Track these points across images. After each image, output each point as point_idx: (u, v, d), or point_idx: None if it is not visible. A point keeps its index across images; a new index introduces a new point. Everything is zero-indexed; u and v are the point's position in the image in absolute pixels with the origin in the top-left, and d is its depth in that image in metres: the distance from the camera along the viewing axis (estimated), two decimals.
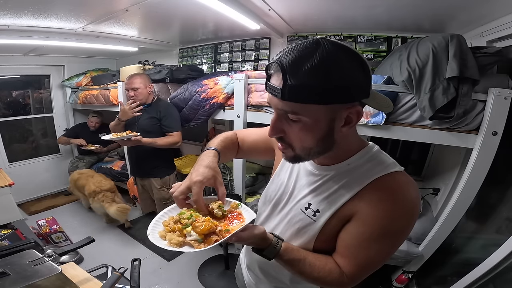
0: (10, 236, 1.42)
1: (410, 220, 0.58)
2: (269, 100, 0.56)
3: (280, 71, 0.49)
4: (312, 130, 0.53)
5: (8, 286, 0.80)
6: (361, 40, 2.28)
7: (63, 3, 1.70)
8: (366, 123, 1.50)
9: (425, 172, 2.37)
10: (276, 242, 0.64)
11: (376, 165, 0.61)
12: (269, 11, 1.87)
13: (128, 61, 3.33)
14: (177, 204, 0.67)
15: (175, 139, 1.98)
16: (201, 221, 0.60)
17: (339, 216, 0.62)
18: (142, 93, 1.93)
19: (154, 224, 0.65)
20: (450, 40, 1.26)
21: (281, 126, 0.56)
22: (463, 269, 1.35)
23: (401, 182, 0.59)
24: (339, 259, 0.63)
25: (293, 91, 0.48)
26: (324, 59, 0.47)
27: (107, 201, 2.64)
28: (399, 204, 0.56)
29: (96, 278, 0.98)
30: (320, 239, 0.65)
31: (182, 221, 0.62)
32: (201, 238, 0.58)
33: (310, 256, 0.64)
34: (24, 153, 3.45)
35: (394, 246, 0.61)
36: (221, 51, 3.02)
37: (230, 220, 0.66)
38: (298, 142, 0.56)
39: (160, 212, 0.69)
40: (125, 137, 1.80)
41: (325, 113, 0.51)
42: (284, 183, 0.75)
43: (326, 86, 0.47)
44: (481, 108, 1.28)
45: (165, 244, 0.59)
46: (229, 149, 0.84)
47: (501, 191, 1.43)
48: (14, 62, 3.06)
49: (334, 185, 0.63)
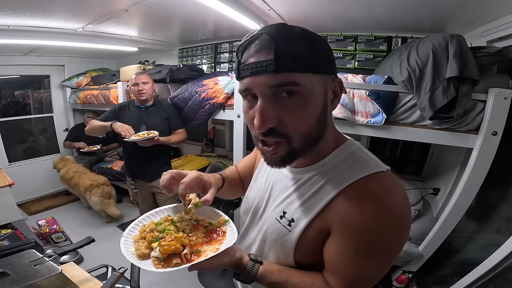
0: (10, 236, 1.42)
1: (400, 230, 0.50)
2: (248, 86, 0.48)
3: (271, 42, 0.44)
4: (310, 105, 0.47)
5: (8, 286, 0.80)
6: (361, 40, 2.28)
7: (63, 3, 1.69)
8: (366, 123, 1.50)
9: (425, 172, 2.37)
10: (251, 266, 0.57)
11: (353, 165, 0.53)
12: (269, 11, 1.87)
13: (128, 61, 3.33)
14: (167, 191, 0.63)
15: (184, 135, 2.08)
16: (168, 239, 0.54)
17: (316, 227, 0.54)
18: (150, 89, 1.97)
19: (134, 226, 0.63)
20: (450, 40, 1.26)
21: (273, 112, 0.47)
22: (463, 269, 1.35)
23: (384, 186, 0.50)
24: (328, 277, 0.55)
25: (287, 59, 0.44)
26: (304, 31, 0.48)
27: (105, 197, 2.78)
28: (383, 213, 0.48)
29: (96, 278, 0.98)
30: (300, 252, 0.57)
31: (155, 232, 0.59)
32: (163, 257, 0.53)
33: (294, 277, 0.57)
34: (24, 153, 3.46)
35: (387, 261, 0.53)
36: (221, 51, 3.02)
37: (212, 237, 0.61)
38: (296, 125, 0.48)
39: (143, 215, 0.67)
40: (147, 137, 1.80)
41: (319, 83, 0.48)
42: (262, 189, 0.69)
43: (315, 53, 0.47)
44: (481, 108, 1.28)
45: (130, 252, 0.56)
46: (233, 177, 0.83)
47: (501, 191, 1.43)
48: (14, 62, 3.07)
49: (308, 191, 0.56)
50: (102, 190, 2.79)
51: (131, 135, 1.80)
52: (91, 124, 1.96)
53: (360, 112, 1.51)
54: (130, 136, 1.78)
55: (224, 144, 3.36)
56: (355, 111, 1.52)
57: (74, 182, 2.91)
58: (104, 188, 2.82)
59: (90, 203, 2.83)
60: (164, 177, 0.63)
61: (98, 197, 2.75)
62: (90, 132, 1.97)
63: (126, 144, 1.91)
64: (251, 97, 0.50)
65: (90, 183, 2.79)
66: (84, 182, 2.82)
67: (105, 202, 2.78)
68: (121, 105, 2.07)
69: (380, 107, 1.44)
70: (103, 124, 1.89)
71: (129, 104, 2.04)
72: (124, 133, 1.80)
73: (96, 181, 2.83)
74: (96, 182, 2.82)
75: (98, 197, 2.75)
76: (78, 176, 2.92)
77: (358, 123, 1.52)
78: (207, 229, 0.63)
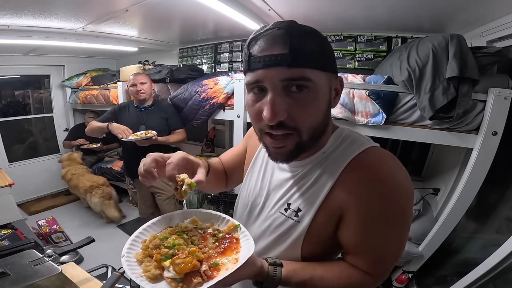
0: (10, 236, 1.42)
1: (405, 193, 0.52)
2: (261, 77, 0.47)
3: (286, 36, 0.45)
4: (318, 100, 0.49)
5: (8, 286, 0.80)
6: (361, 40, 2.28)
7: (63, 3, 1.70)
8: (366, 123, 1.50)
9: (425, 172, 2.37)
10: (273, 271, 0.54)
11: (350, 145, 0.56)
12: (269, 11, 1.87)
13: (128, 61, 3.33)
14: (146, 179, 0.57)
15: (183, 135, 2.08)
16: (182, 257, 0.49)
17: (327, 210, 0.55)
18: (149, 89, 1.98)
19: (132, 243, 0.55)
20: (450, 40, 1.26)
21: (284, 105, 0.47)
22: (463, 269, 1.35)
23: (377, 157, 0.54)
24: (353, 260, 0.56)
25: (302, 54, 0.45)
26: (314, 30, 0.49)
27: (106, 197, 2.77)
28: (385, 180, 0.51)
29: (96, 278, 0.98)
30: (309, 241, 0.57)
31: (162, 249, 0.51)
32: (180, 277, 0.47)
33: (319, 270, 0.55)
34: (24, 153, 3.46)
35: (402, 227, 0.54)
36: (221, 51, 3.02)
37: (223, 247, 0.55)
38: (305, 119, 0.49)
39: (140, 228, 0.59)
40: (144, 137, 1.80)
41: (325, 80, 0.50)
42: (258, 185, 0.68)
43: (323, 51, 0.49)
44: (481, 108, 1.28)
45: (139, 274, 0.49)
46: (217, 167, 0.82)
47: (501, 191, 1.43)
48: (14, 62, 3.07)
49: (311, 178, 0.57)
50: (102, 191, 2.78)
51: (127, 136, 1.80)
52: (90, 125, 1.98)
53: (360, 112, 1.51)
54: (127, 137, 1.79)
55: (224, 144, 3.36)
56: (355, 111, 1.52)
57: (73, 183, 2.91)
58: (104, 189, 2.81)
59: (90, 204, 2.82)
60: (145, 160, 0.56)
61: (99, 198, 2.74)
62: (90, 133, 1.99)
63: (125, 144, 1.92)
64: (257, 90, 0.50)
65: (90, 184, 2.78)
66: (83, 184, 2.81)
67: (106, 203, 2.77)
68: (120, 105, 2.08)
69: (380, 107, 1.44)
70: (101, 125, 1.91)
71: (128, 105, 2.06)
72: (121, 134, 1.80)
73: (96, 182, 2.82)
74: (96, 183, 2.81)
75: (99, 198, 2.74)
76: (77, 178, 2.91)
77: (358, 123, 1.52)
78: (217, 237, 0.57)
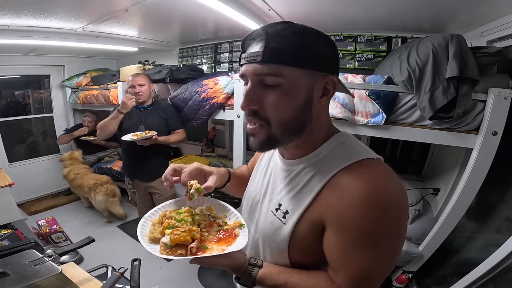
0: (10, 236, 1.42)
1: (398, 216, 0.49)
2: (243, 72, 0.54)
3: (263, 35, 0.51)
4: (291, 95, 0.51)
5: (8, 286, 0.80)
6: (361, 40, 2.28)
7: (63, 3, 1.69)
8: (366, 123, 1.50)
9: (425, 172, 2.37)
10: (250, 270, 0.58)
11: (343, 154, 0.54)
12: (269, 11, 1.87)
13: (128, 61, 3.33)
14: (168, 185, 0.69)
15: (183, 135, 2.09)
16: (182, 230, 0.56)
17: (308, 219, 0.54)
18: (147, 90, 1.98)
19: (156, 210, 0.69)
20: (450, 40, 1.26)
21: (256, 96, 0.52)
22: (463, 269, 1.35)
23: (374, 170, 0.50)
24: (333, 274, 0.53)
25: (273, 52, 0.49)
26: (299, 28, 0.52)
27: (110, 195, 2.80)
28: (376, 198, 0.46)
29: (96, 278, 0.98)
30: (294, 247, 0.57)
31: (172, 220, 0.61)
32: (170, 244, 0.55)
33: (294, 278, 0.55)
34: (24, 153, 3.46)
35: (389, 252, 0.50)
36: (221, 51, 3.02)
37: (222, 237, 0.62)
38: (275, 113, 0.52)
39: (167, 201, 0.71)
40: (145, 137, 1.80)
41: (304, 78, 0.51)
42: (260, 182, 0.70)
43: (305, 49, 0.50)
44: (481, 108, 1.28)
45: (144, 234, 0.60)
46: (242, 173, 0.86)
47: (501, 191, 1.43)
48: (14, 62, 3.06)
49: (302, 181, 0.57)
50: (107, 188, 2.80)
51: (133, 99, 1.88)
52: (101, 123, 1.97)
53: (360, 112, 1.51)
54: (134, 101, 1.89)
55: (224, 144, 3.37)
56: (355, 111, 1.52)
57: (77, 183, 2.91)
58: (108, 187, 2.83)
59: (94, 203, 2.82)
60: (167, 169, 0.69)
61: (103, 196, 2.76)
62: (105, 130, 1.95)
63: (124, 143, 1.92)
64: (245, 84, 0.56)
65: (94, 182, 2.81)
66: (88, 182, 2.83)
67: (110, 201, 2.79)
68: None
69: (380, 107, 1.44)
70: (112, 115, 1.93)
71: None
72: (130, 100, 1.88)
73: (100, 180, 2.85)
74: (100, 180, 2.84)
75: (103, 195, 2.76)
76: (81, 177, 2.93)
77: (358, 123, 1.52)
78: (221, 228, 0.64)
